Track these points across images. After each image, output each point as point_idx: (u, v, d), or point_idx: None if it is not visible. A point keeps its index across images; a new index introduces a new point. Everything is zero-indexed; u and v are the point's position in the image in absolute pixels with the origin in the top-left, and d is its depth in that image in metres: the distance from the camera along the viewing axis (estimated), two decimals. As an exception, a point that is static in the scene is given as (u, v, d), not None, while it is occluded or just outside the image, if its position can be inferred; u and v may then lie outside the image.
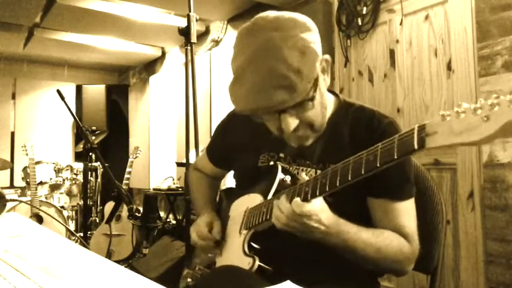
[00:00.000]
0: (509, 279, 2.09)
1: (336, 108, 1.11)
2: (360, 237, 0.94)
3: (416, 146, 0.70)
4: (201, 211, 1.31)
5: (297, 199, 0.88)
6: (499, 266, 2.14)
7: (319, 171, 1.04)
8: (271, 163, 1.12)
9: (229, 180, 1.47)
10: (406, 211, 1.01)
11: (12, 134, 5.61)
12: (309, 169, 1.07)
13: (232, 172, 1.31)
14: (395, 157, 0.74)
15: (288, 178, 1.05)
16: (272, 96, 0.91)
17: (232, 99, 0.99)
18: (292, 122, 0.97)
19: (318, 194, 0.88)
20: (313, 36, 0.96)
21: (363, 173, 0.80)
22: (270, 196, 1.04)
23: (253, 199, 1.10)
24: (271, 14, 0.98)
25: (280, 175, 1.05)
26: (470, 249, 2.28)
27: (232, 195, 1.24)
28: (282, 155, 1.12)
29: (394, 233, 0.99)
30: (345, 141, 1.06)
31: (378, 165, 0.77)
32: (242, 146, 1.20)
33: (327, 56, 1.00)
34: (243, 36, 0.98)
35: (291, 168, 1.09)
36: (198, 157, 1.58)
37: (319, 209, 0.89)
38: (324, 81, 1.01)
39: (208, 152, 1.39)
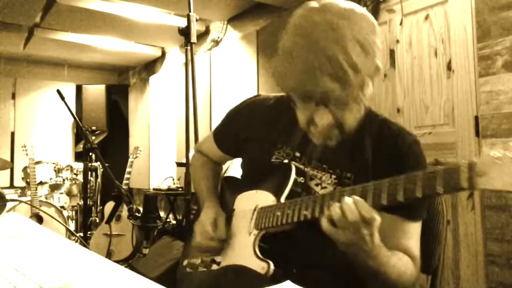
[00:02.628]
0: (509, 279, 2.09)
1: (362, 116, 1.04)
2: (391, 262, 0.90)
3: (464, 185, 0.69)
4: (205, 200, 1.24)
5: (363, 201, 0.82)
6: (499, 266, 2.14)
7: (334, 177, 1.01)
8: (286, 161, 1.06)
9: (233, 170, 1.42)
10: (416, 233, 0.99)
11: (12, 134, 5.61)
12: (324, 173, 1.03)
13: (237, 161, 1.26)
14: (438, 191, 0.73)
15: (301, 180, 1.01)
16: (320, 82, 0.87)
17: (277, 74, 0.94)
18: (326, 117, 0.93)
19: None
20: (377, 39, 0.93)
21: (402, 200, 0.79)
22: (283, 199, 1.00)
23: (263, 197, 1.05)
24: (342, 3, 0.93)
25: (294, 176, 1.01)
26: (470, 249, 2.28)
27: (236, 185, 1.19)
28: (297, 154, 1.06)
29: (407, 256, 0.96)
30: (367, 153, 1.02)
31: (420, 195, 0.76)
32: (257, 137, 1.14)
33: (380, 64, 0.94)
34: (307, 14, 0.92)
35: (306, 169, 1.05)
36: (203, 138, 1.48)
37: (378, 222, 0.83)
38: (369, 88, 0.95)
39: (216, 135, 1.31)
